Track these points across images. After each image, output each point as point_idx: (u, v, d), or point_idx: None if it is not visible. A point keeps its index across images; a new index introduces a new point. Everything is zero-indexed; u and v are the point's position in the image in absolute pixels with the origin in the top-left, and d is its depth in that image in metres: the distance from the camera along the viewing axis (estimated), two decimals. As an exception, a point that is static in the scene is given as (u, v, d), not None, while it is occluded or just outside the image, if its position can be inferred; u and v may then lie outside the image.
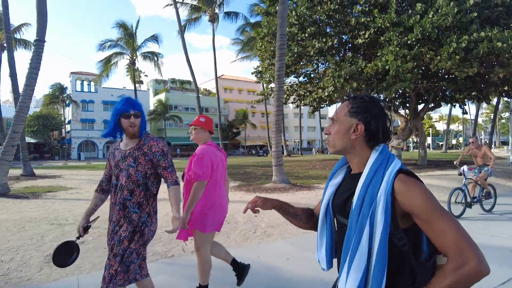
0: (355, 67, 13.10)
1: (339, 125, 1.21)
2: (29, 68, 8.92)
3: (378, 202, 1.07)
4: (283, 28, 9.33)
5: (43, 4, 8.94)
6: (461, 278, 0.95)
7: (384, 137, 1.17)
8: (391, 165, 1.11)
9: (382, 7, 13.42)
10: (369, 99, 1.21)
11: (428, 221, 1.03)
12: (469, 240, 0.98)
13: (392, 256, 1.08)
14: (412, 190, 1.05)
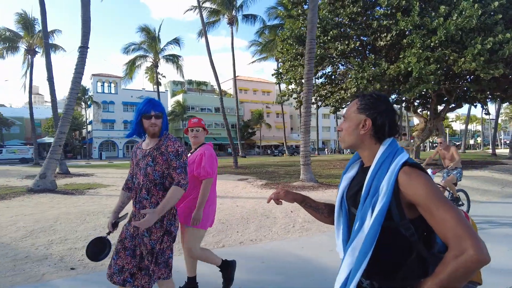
0: (378, 69, 13.38)
1: (349, 121, 1.30)
2: (74, 73, 9.58)
3: (380, 192, 1.12)
4: (313, 33, 9.72)
5: (87, 14, 9.58)
6: (460, 266, 0.96)
7: (391, 131, 1.24)
8: (397, 158, 1.16)
9: (405, 10, 13.64)
10: (377, 96, 1.28)
11: (429, 210, 1.05)
12: (468, 229, 0.99)
13: (400, 245, 1.13)
14: (414, 180, 1.09)
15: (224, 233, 5.71)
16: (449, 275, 0.98)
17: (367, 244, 1.11)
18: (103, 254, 2.34)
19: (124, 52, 27.07)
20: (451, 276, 0.97)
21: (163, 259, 2.27)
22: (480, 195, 9.49)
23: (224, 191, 9.53)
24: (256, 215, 6.65)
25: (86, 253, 2.31)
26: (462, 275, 0.97)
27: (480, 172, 13.70)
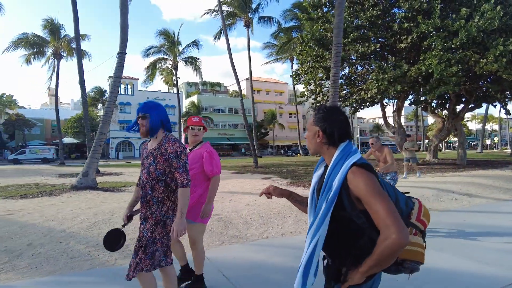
0: (399, 71, 13.67)
1: (308, 132, 1.55)
2: (113, 77, 10.20)
3: (333, 187, 1.35)
4: (339, 38, 10.12)
5: (126, 22, 10.18)
6: (386, 248, 1.19)
7: (342, 137, 1.46)
8: (349, 159, 1.38)
9: (425, 13, 13.90)
10: (327, 110, 1.51)
11: (368, 202, 1.27)
12: (395, 219, 1.20)
13: (353, 231, 1.37)
14: (357, 178, 1.31)
15: (265, 226, 6.19)
16: (379, 255, 1.22)
17: (317, 228, 1.37)
18: (118, 244, 2.52)
19: (145, 55, 27.90)
20: (381, 256, 1.21)
21: (151, 250, 2.38)
22: (503, 193, 9.79)
23: (254, 188, 9.99)
24: (291, 210, 7.08)
25: (103, 244, 2.47)
26: (389, 255, 1.20)
27: (501, 172, 13.89)
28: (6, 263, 4.25)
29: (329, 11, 17.43)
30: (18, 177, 15.58)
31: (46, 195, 8.94)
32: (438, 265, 4.00)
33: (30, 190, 10.48)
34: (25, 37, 23.82)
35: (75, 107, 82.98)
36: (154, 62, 28.70)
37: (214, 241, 5.30)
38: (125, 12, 10.17)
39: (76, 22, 15.14)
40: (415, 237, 1.42)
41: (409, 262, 1.39)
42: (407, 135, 11.80)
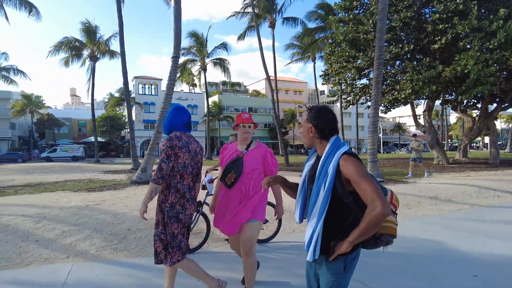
0: (434, 71, 13.96)
1: (303, 128, 1.81)
2: (168, 80, 10.93)
3: (328, 173, 1.61)
4: (382, 41, 10.56)
5: (179, 28, 10.89)
6: (372, 218, 1.44)
7: (331, 132, 1.73)
8: (340, 150, 1.64)
9: (461, 14, 14.11)
10: (319, 109, 1.78)
11: (357, 182, 1.52)
12: (379, 194, 1.46)
13: (342, 209, 1.61)
14: (348, 163, 1.57)
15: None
16: (366, 224, 1.46)
17: (321, 209, 1.60)
18: None
19: (175, 57, 28.78)
20: (367, 225, 1.46)
21: (175, 243, 2.58)
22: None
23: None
24: None
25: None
26: (375, 223, 1.45)
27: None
28: (117, 243, 4.93)
29: (360, 13, 17.80)
30: (66, 174, 16.61)
31: (110, 189, 9.71)
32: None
33: (89, 184, 11.34)
34: (66, 40, 25.06)
35: (97, 107, 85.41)
36: (184, 63, 29.57)
37: (286, 229, 5.80)
38: (179, 18, 10.88)
39: (120, 27, 16.01)
40: (389, 216, 1.62)
41: (385, 236, 1.63)
42: (413, 135, 12.03)
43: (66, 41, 25.08)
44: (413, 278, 3.59)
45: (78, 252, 4.52)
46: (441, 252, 4.47)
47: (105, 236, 5.13)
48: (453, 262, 4.06)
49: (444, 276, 3.64)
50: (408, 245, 4.73)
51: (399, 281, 3.53)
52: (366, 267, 3.75)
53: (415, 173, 13.34)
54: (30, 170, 19.50)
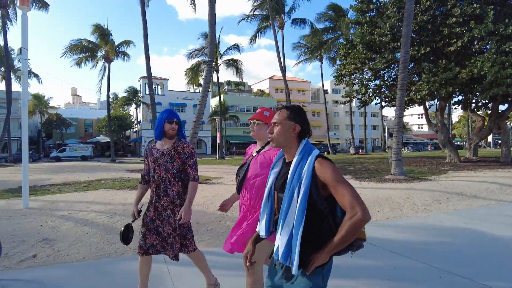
0: (451, 73, 14.54)
1: (281, 126, 1.66)
2: (204, 83, 11.47)
3: (303, 176, 1.51)
4: (407, 46, 11.13)
5: (214, 34, 11.43)
6: (352, 224, 1.37)
7: (306, 133, 1.67)
8: (313, 152, 1.58)
9: (477, 17, 14.70)
10: (298, 108, 1.71)
11: (334, 187, 1.45)
12: (359, 200, 1.40)
13: (317, 216, 1.51)
14: (325, 167, 1.50)
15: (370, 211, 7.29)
16: (346, 231, 1.38)
17: (299, 215, 1.48)
18: (128, 238, 2.89)
19: (189, 58, 29.34)
20: (348, 232, 1.38)
21: (191, 234, 2.85)
22: None
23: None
24: (379, 200, 8.10)
25: (120, 238, 2.85)
26: (354, 230, 1.38)
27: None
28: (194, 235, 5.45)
29: (374, 16, 18.35)
30: (93, 173, 17.10)
31: (151, 187, 10.24)
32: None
33: (126, 183, 11.87)
34: (79, 42, 25.55)
35: (101, 107, 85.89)
36: (198, 64, 30.11)
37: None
38: (213, 24, 11.41)
39: (145, 31, 16.52)
40: None
41: (357, 240, 1.53)
42: (389, 133, 12.45)
43: (80, 43, 25.57)
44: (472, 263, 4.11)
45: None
46: (487, 241, 4.99)
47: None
48: (501, 249, 4.57)
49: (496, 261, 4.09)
50: (454, 235, 5.30)
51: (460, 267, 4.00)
52: (431, 254, 4.31)
53: (435, 172, 13.92)
54: (55, 169, 19.97)
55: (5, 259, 4.27)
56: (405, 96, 11.56)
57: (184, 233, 2.80)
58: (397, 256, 4.27)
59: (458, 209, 7.64)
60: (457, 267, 3.81)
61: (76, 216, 6.48)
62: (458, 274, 3.61)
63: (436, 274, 3.66)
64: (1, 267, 3.99)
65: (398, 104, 11.45)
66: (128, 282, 3.46)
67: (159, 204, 2.79)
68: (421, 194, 8.86)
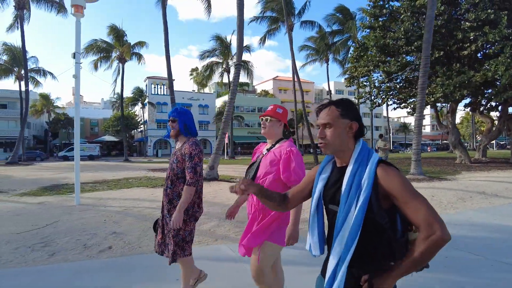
0: (465, 76, 15.03)
1: (335, 128, 1.38)
2: (232, 85, 11.94)
3: (363, 186, 1.28)
4: (428, 51, 11.60)
5: (242, 37, 11.88)
6: (431, 244, 1.16)
7: (364, 132, 1.42)
8: (372, 157, 1.34)
9: (491, 22, 15.18)
10: (350, 102, 1.43)
11: (404, 201, 1.22)
12: (436, 216, 1.19)
13: (375, 232, 1.28)
14: (392, 176, 1.26)
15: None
16: (422, 253, 1.18)
17: (353, 232, 1.26)
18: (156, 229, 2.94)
19: (201, 59, 29.86)
20: (423, 253, 1.18)
21: (190, 238, 2.74)
22: None
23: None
24: None
25: (153, 229, 2.93)
26: (432, 251, 1.18)
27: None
28: (230, 230, 5.71)
29: (386, 20, 18.84)
30: (115, 172, 17.54)
31: (183, 185, 10.70)
32: None
33: (154, 181, 12.31)
34: (95, 43, 25.97)
35: (105, 106, 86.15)
36: (210, 65, 30.59)
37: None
38: (241, 27, 11.86)
39: (165, 33, 16.93)
40: (415, 233, 1.32)
41: None
42: (379, 135, 12.74)
43: (95, 43, 26.01)
44: None
45: (220, 236, 5.21)
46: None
47: (233, 223, 5.56)
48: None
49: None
50: (489, 229, 5.66)
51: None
52: (475, 246, 4.64)
53: (449, 172, 14.40)
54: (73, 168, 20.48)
55: (85, 249, 4.67)
56: (425, 99, 12.02)
57: (185, 235, 2.69)
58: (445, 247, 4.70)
59: (483, 207, 8.01)
60: (505, 257, 4.12)
61: (132, 212, 6.92)
62: (508, 263, 3.94)
63: (486, 262, 3.99)
64: (84, 256, 4.38)
65: (419, 107, 11.92)
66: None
67: (164, 202, 2.77)
68: (445, 193, 9.29)
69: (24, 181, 12.84)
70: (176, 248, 2.64)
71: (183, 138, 2.76)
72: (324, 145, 1.40)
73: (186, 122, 2.74)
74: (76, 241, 4.94)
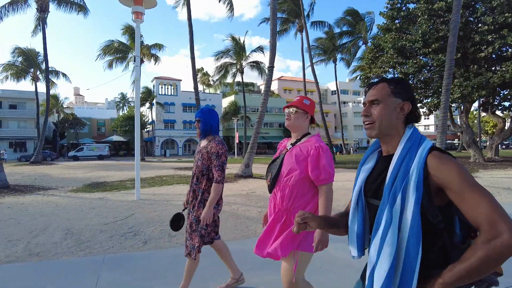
0: (484, 78, 15.60)
1: (384, 106, 1.18)
2: (265, 86, 12.45)
3: (411, 177, 1.06)
4: (452, 54, 12.13)
5: (275, 41, 12.40)
6: (493, 250, 0.89)
7: (418, 117, 1.21)
8: (423, 143, 1.12)
9: (508, 25, 15.76)
10: (405, 81, 1.24)
11: (461, 194, 0.99)
12: (502, 213, 0.92)
13: (427, 233, 1.04)
14: (446, 164, 1.03)
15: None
16: (479, 260, 0.90)
17: (413, 234, 1.03)
18: (179, 225, 2.93)
19: (215, 59, 30.39)
20: (482, 261, 0.90)
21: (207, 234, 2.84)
22: None
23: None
24: None
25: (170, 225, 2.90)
26: (494, 260, 0.89)
27: None
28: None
29: (403, 22, 19.39)
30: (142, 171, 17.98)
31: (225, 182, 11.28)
32: None
33: (187, 179, 12.80)
34: (111, 43, 26.44)
35: (109, 107, 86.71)
36: (225, 66, 31.15)
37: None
38: (274, 32, 12.38)
39: (190, 35, 17.42)
40: None
41: (490, 275, 1.08)
42: None
43: (112, 44, 26.48)
44: None
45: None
46: None
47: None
48: None
49: None
50: None
51: None
52: None
53: (469, 170, 14.96)
54: (98, 167, 20.92)
55: (172, 238, 5.09)
56: (449, 100, 12.57)
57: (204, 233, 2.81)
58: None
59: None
60: None
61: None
62: None
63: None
64: (174, 244, 4.77)
65: (443, 107, 12.46)
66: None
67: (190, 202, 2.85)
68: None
69: (63, 180, 13.32)
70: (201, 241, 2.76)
71: (210, 136, 2.84)
72: (370, 125, 1.20)
73: (208, 122, 2.82)
74: (160, 231, 5.37)
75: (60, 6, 22.11)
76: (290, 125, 2.22)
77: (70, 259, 4.02)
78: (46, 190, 10.24)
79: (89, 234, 5.09)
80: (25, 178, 13.52)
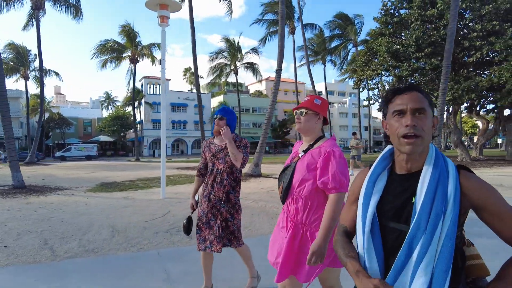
0: (473, 81, 16.60)
1: (427, 118, 1.06)
2: (274, 88, 12.90)
3: (449, 200, 1.01)
4: (449, 60, 12.95)
5: (283, 45, 12.86)
6: None
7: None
8: (448, 162, 1.07)
9: (495, 32, 16.81)
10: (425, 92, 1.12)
11: (499, 215, 0.99)
12: None
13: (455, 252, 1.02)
14: (481, 184, 1.02)
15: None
16: None
17: (445, 256, 0.99)
18: (190, 229, 2.98)
19: (210, 60, 30.60)
20: None
21: (240, 228, 2.91)
22: None
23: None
24: None
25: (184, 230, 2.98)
26: None
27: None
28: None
29: (396, 27, 20.27)
30: (141, 171, 18.12)
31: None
32: None
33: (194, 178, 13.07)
34: (106, 43, 26.24)
35: (93, 106, 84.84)
36: (220, 67, 31.40)
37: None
38: (283, 36, 12.84)
39: (193, 37, 17.68)
40: (472, 248, 1.13)
41: (478, 279, 1.10)
42: (352, 133, 13.79)
43: (107, 43, 26.29)
44: None
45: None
46: None
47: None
48: None
49: None
50: None
51: None
52: None
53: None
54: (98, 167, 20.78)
55: None
56: (445, 103, 13.39)
57: (234, 228, 2.86)
58: None
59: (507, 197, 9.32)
60: None
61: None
62: None
63: None
64: None
65: (439, 110, 13.27)
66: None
67: (213, 196, 2.83)
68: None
69: (72, 180, 13.34)
70: (231, 237, 2.84)
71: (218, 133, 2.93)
72: (416, 139, 1.04)
73: (231, 123, 2.90)
74: (200, 227, 5.77)
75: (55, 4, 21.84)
76: (301, 128, 2.04)
77: (126, 254, 4.20)
78: (62, 190, 10.32)
79: (134, 231, 5.26)
80: (32, 178, 13.45)
